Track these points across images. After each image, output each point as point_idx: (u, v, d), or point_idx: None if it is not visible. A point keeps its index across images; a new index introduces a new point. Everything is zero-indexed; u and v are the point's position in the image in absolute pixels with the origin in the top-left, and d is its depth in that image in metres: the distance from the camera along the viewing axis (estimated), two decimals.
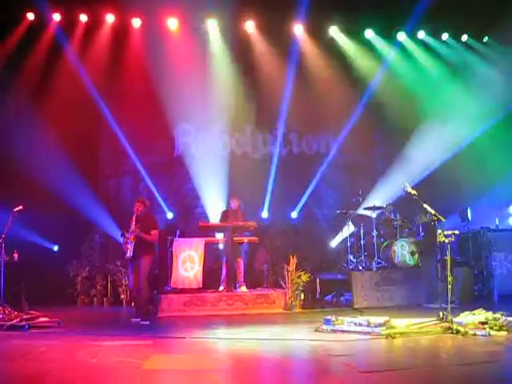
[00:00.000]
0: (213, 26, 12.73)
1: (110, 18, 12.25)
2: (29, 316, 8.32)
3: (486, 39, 13.65)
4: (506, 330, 6.95)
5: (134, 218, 9.02)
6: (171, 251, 10.81)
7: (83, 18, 12.15)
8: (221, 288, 10.72)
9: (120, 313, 10.78)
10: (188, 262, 10.66)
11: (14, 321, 8.02)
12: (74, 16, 12.14)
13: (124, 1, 11.81)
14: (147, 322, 8.83)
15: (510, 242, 11.78)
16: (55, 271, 11.42)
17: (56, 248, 12.00)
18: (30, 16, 11.91)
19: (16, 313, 8.28)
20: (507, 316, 7.43)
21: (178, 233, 11.39)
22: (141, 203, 9.18)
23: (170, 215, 12.88)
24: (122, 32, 12.42)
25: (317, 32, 13.13)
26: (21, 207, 8.72)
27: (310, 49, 13.16)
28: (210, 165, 12.66)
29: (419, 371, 5.30)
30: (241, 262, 10.91)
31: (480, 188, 11.92)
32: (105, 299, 11.62)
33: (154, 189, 12.50)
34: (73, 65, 12.03)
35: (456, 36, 13.62)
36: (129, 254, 8.92)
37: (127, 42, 12.51)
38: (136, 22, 12.41)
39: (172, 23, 12.50)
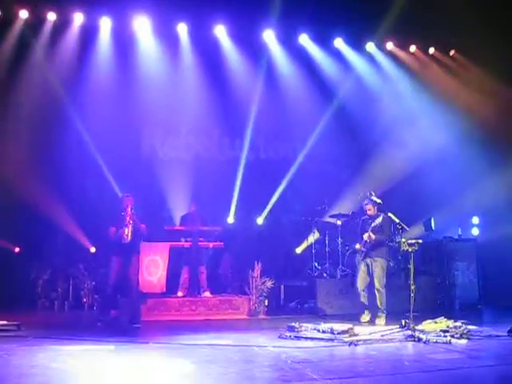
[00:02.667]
0: (183, 30, 12.65)
1: (78, 18, 12.06)
2: None
3: (452, 53, 13.86)
4: (467, 338, 7.07)
5: (129, 210, 8.88)
6: None
7: (51, 16, 11.95)
8: (179, 293, 10.63)
9: (81, 316, 10.59)
10: (152, 266, 10.56)
11: None
12: (41, 14, 11.92)
13: (93, 1, 11.68)
14: (139, 325, 8.64)
15: (472, 252, 11.98)
16: (15, 273, 11.18)
17: (17, 250, 11.74)
18: None
19: None
20: (468, 324, 7.56)
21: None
22: (132, 198, 9.09)
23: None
24: (90, 32, 12.25)
25: (287, 39, 13.16)
26: None
27: (280, 55, 13.19)
28: (176, 168, 12.57)
29: (381, 378, 5.33)
30: (203, 268, 10.85)
31: (443, 198, 12.08)
32: (66, 302, 11.39)
33: (118, 191, 12.34)
34: (39, 64, 11.83)
35: (423, 48, 13.80)
36: (129, 237, 8.72)
37: (95, 42, 12.34)
38: (105, 23, 12.25)
39: (141, 26, 12.38)
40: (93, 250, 12.10)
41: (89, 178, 12.63)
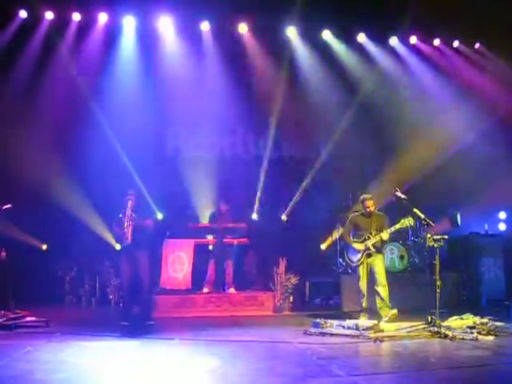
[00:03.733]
0: (206, 28, 12.69)
1: (102, 18, 12.17)
2: (15, 315, 8.28)
3: (477, 46, 13.70)
4: (494, 335, 7.00)
5: (130, 207, 8.86)
6: (161, 252, 10.78)
7: (76, 17, 12.08)
8: (205, 290, 10.70)
9: (108, 313, 10.71)
10: (177, 263, 10.64)
11: (0, 320, 7.97)
12: (66, 15, 12.06)
13: (117, 0, 11.79)
14: (152, 322, 8.60)
15: (498, 248, 11.86)
16: (43, 270, 11.34)
17: (44, 247, 11.91)
18: (23, 14, 11.82)
19: (2, 312, 8.23)
20: (494, 321, 7.49)
21: (167, 233, 11.34)
22: (132, 195, 9.09)
23: (160, 216, 12.82)
24: (114, 31, 12.36)
25: (310, 35, 13.12)
26: (9, 205, 8.67)
27: (303, 52, 13.14)
28: (200, 166, 12.61)
29: (406, 375, 5.31)
30: (230, 264, 10.90)
31: (470, 193, 11.95)
32: (93, 299, 11.54)
33: (144, 189, 12.43)
34: (65, 64, 11.97)
35: (447, 42, 13.66)
36: (129, 239, 8.59)
37: (119, 41, 12.44)
38: (129, 22, 12.34)
39: (165, 24, 12.45)
40: (118, 247, 12.22)
41: (114, 177, 12.72)
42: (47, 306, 10.39)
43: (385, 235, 8.89)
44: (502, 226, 13.18)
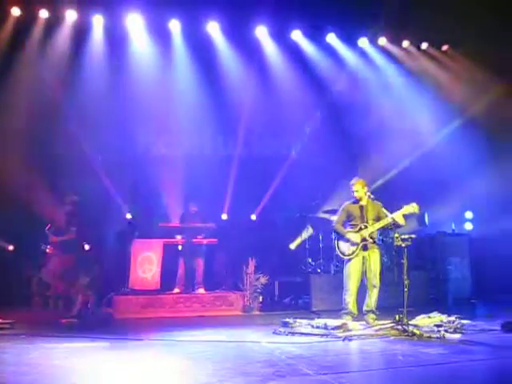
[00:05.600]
0: (175, 27, 12.62)
1: (70, 15, 11.99)
2: None
3: (445, 48, 13.89)
4: (460, 333, 7.09)
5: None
6: (130, 252, 10.69)
7: (43, 14, 11.88)
8: (175, 290, 10.67)
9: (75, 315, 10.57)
10: (146, 263, 10.57)
11: None
12: (34, 11, 11.86)
13: None
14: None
15: (465, 247, 12.04)
16: (9, 272, 11.16)
17: (11, 248, 11.70)
18: None
19: None
20: (461, 319, 7.59)
21: (136, 234, 11.25)
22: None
23: (128, 216, 12.72)
24: (82, 30, 12.21)
25: (279, 35, 13.15)
26: None
27: (273, 51, 13.18)
28: (170, 165, 12.56)
29: (375, 373, 5.35)
30: (201, 262, 10.88)
31: (437, 193, 12.11)
32: (60, 301, 11.38)
33: (113, 189, 12.33)
34: (32, 62, 11.80)
35: (416, 44, 13.82)
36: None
37: (88, 40, 12.29)
38: (98, 20, 12.20)
39: (134, 22, 12.33)
40: (87, 247, 12.09)
41: (83, 175, 12.59)
42: (13, 307, 10.23)
43: (400, 219, 8.05)
44: (469, 226, 13.39)
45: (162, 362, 6.04)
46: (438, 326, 7.33)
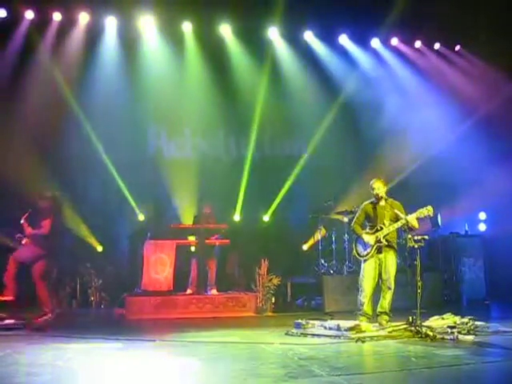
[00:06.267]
0: (188, 29, 12.67)
1: (83, 18, 12.07)
2: None
3: (457, 48, 13.84)
4: (474, 334, 7.05)
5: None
6: (142, 253, 10.73)
7: (57, 16, 11.97)
8: (188, 291, 10.68)
9: (89, 315, 10.64)
10: (159, 264, 10.59)
11: None
12: (47, 14, 11.95)
13: (99, 0, 11.73)
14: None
15: (478, 248, 11.97)
16: (24, 272, 11.21)
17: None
18: (2, 13, 11.68)
19: None
20: (475, 320, 7.55)
21: (149, 235, 11.29)
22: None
23: (141, 217, 12.77)
24: (95, 31, 12.28)
25: (292, 36, 13.16)
26: None
27: (285, 53, 13.19)
28: (182, 167, 12.60)
29: (388, 375, 5.33)
30: (213, 264, 10.88)
31: (451, 194, 12.05)
32: (74, 301, 11.45)
33: (125, 190, 12.38)
34: (45, 64, 11.88)
35: (428, 44, 13.77)
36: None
37: (101, 41, 12.37)
38: (111, 22, 12.27)
39: (147, 24, 12.40)
40: (100, 248, 12.16)
41: (95, 177, 12.67)
42: (28, 308, 10.28)
43: (414, 222, 7.84)
44: (482, 227, 13.31)
45: (174, 363, 6.05)
46: (451, 327, 7.27)
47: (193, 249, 11.05)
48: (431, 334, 6.99)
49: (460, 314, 7.95)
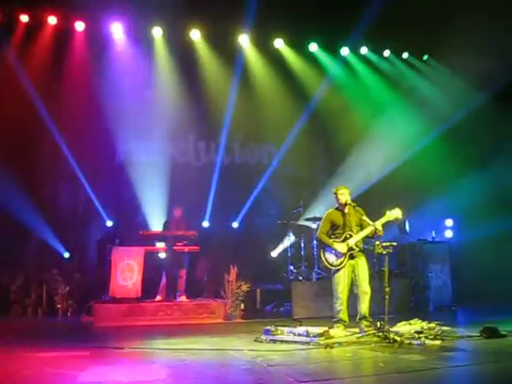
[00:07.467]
0: (158, 34, 12.63)
1: (51, 20, 11.94)
2: None
3: (425, 57, 14.07)
4: (441, 339, 7.12)
5: None
6: (110, 260, 10.61)
7: (24, 18, 11.81)
8: (157, 298, 10.61)
9: (55, 323, 10.47)
10: (127, 271, 10.48)
11: None
12: (14, 16, 11.78)
13: (67, 4, 11.61)
14: None
15: (445, 254, 12.12)
16: None
17: None
18: None
19: None
20: (441, 325, 7.64)
21: (117, 241, 11.18)
22: None
23: (109, 223, 12.65)
24: (64, 35, 12.15)
25: (262, 43, 13.23)
26: None
27: (255, 59, 13.25)
28: (151, 173, 12.51)
29: (356, 380, 5.36)
30: (183, 272, 10.82)
31: (418, 201, 12.20)
32: (39, 309, 11.25)
33: (93, 196, 12.25)
34: (12, 67, 11.70)
35: (397, 53, 13.97)
36: None
37: (69, 45, 12.24)
38: (79, 26, 12.16)
39: (116, 29, 12.33)
40: (67, 255, 12.01)
41: (63, 182, 12.51)
42: None
43: (379, 226, 7.85)
44: (449, 233, 13.50)
45: (143, 370, 5.98)
46: (418, 332, 7.35)
47: (161, 255, 10.98)
48: (399, 339, 7.04)
49: (427, 319, 8.03)
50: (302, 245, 11.75)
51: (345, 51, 13.73)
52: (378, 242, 7.72)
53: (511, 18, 10.67)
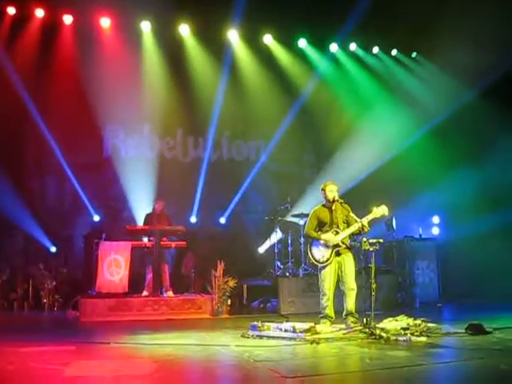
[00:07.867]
0: (146, 28, 12.57)
1: (39, 13, 11.84)
2: None
3: (414, 55, 14.11)
4: (426, 336, 7.16)
5: None
6: (97, 255, 10.57)
7: (11, 10, 11.70)
8: (144, 293, 10.59)
9: (41, 318, 10.42)
10: (114, 266, 10.44)
11: None
12: (0, 8, 11.65)
13: None
14: None
15: (432, 251, 12.18)
16: None
17: None
18: None
19: None
20: (427, 322, 7.67)
21: (104, 236, 11.12)
22: None
23: (96, 218, 12.59)
24: (51, 28, 12.06)
25: (251, 39, 13.20)
26: None
27: (244, 55, 13.23)
28: (138, 168, 12.48)
29: (343, 376, 5.38)
30: (166, 267, 10.80)
31: (405, 198, 12.24)
32: (25, 303, 11.18)
33: (80, 190, 12.19)
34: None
35: (386, 50, 14.00)
36: None
37: (57, 38, 12.15)
38: (67, 19, 12.07)
39: (104, 22, 12.25)
40: (53, 249, 11.95)
41: (50, 176, 12.44)
42: None
43: (366, 223, 7.89)
44: (436, 230, 13.57)
45: (129, 365, 5.97)
46: (404, 329, 7.38)
47: (148, 250, 10.93)
48: (385, 335, 7.07)
49: (413, 315, 8.06)
50: (289, 241, 11.75)
51: (334, 47, 13.73)
52: (364, 239, 7.74)
53: (498, 16, 10.71)
